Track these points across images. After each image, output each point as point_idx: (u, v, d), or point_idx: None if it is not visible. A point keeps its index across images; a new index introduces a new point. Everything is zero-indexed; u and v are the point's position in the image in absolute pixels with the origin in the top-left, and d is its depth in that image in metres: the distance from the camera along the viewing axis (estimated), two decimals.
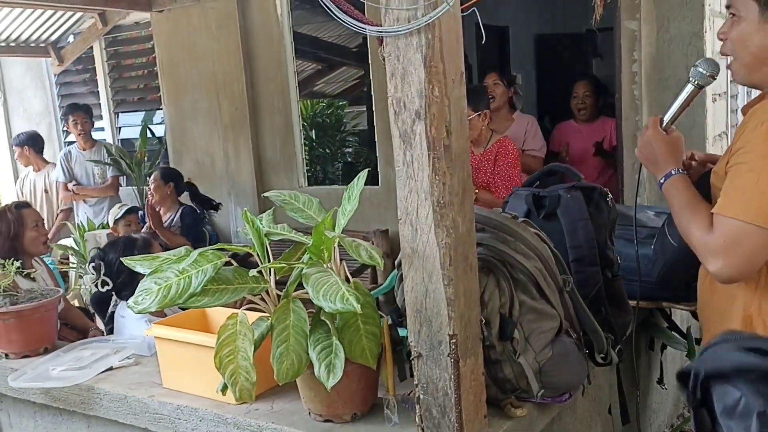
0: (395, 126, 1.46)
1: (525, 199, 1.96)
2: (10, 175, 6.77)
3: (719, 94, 3.90)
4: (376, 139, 4.86)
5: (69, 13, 6.01)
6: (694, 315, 2.60)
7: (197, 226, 4.67)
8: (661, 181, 1.61)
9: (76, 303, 4.30)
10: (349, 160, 7.68)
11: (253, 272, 1.51)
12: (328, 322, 1.56)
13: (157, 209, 4.54)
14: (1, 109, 7.02)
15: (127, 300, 2.58)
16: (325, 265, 1.53)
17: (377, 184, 4.81)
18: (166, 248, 4.43)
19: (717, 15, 3.60)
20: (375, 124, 4.84)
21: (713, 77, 1.59)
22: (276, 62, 5.17)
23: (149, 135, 6.02)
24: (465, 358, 1.47)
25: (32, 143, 5.69)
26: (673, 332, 2.59)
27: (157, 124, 6.23)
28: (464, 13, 1.45)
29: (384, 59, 2.38)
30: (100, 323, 3.14)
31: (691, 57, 3.48)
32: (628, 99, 3.70)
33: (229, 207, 5.56)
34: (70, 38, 6.35)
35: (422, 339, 1.49)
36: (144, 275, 1.61)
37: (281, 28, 5.09)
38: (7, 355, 2.23)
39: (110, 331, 3.67)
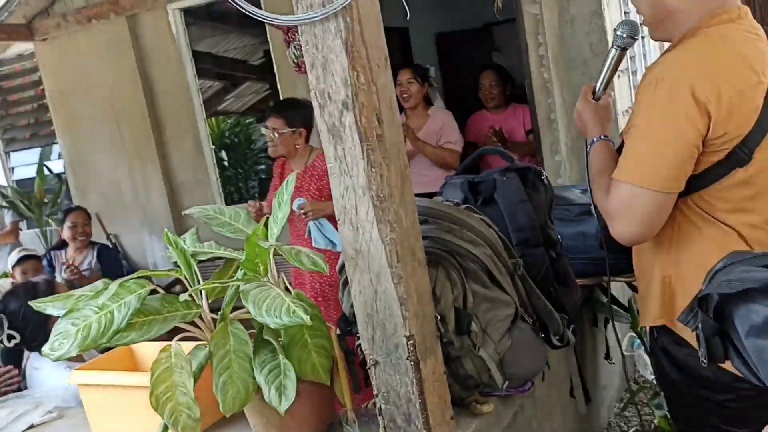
0: (321, 120, 1.35)
1: (460, 187, 1.89)
2: None
3: (622, 71, 4.00)
4: None
5: None
6: (631, 287, 2.63)
7: (118, 263, 4.40)
8: (587, 149, 1.62)
9: None
10: (263, 177, 7.51)
11: (183, 297, 1.36)
12: (272, 340, 1.43)
13: (71, 261, 4.24)
14: None
15: (39, 350, 2.34)
16: (263, 279, 1.41)
17: None
18: (71, 288, 4.15)
19: None
20: None
21: (632, 38, 1.58)
22: (177, 82, 4.94)
23: (47, 172, 5.65)
24: (425, 359, 1.38)
25: None
26: (614, 306, 2.59)
27: (54, 159, 5.85)
28: None
29: (295, 61, 2.26)
30: None
31: (593, 35, 3.54)
32: (538, 83, 3.73)
33: (143, 238, 5.28)
34: None
35: (377, 345, 1.39)
36: (57, 318, 1.43)
37: (178, 46, 4.88)
38: None
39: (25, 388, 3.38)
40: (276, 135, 3.15)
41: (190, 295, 1.44)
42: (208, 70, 5.79)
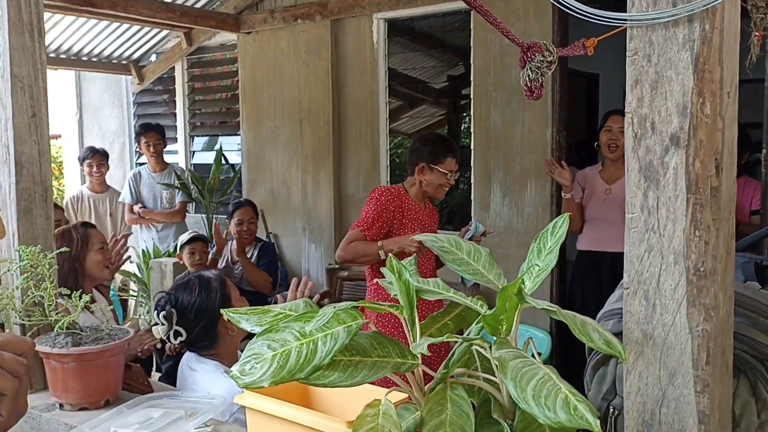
0: (633, 155, 1.02)
1: (742, 268, 1.48)
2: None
3: None
4: (472, 181, 4.42)
5: (154, 32, 5.85)
6: None
7: (275, 264, 4.30)
8: None
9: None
10: None
11: (420, 347, 1.07)
12: (501, 420, 1.11)
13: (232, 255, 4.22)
14: (76, 126, 6.89)
15: (200, 351, 2.16)
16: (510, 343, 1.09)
17: None
18: (239, 284, 4.07)
19: None
20: (472, 164, 4.41)
21: None
22: (367, 93, 4.81)
23: (223, 161, 5.73)
24: None
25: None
26: None
27: (232, 150, 5.94)
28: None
29: (528, 84, 1.92)
30: None
31: None
32: None
33: (302, 243, 5.19)
34: (153, 57, 6.19)
35: None
36: (226, 320, 1.21)
37: (376, 56, 4.75)
38: (61, 406, 1.84)
39: (168, 373, 3.27)
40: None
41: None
42: (392, 86, 5.68)
